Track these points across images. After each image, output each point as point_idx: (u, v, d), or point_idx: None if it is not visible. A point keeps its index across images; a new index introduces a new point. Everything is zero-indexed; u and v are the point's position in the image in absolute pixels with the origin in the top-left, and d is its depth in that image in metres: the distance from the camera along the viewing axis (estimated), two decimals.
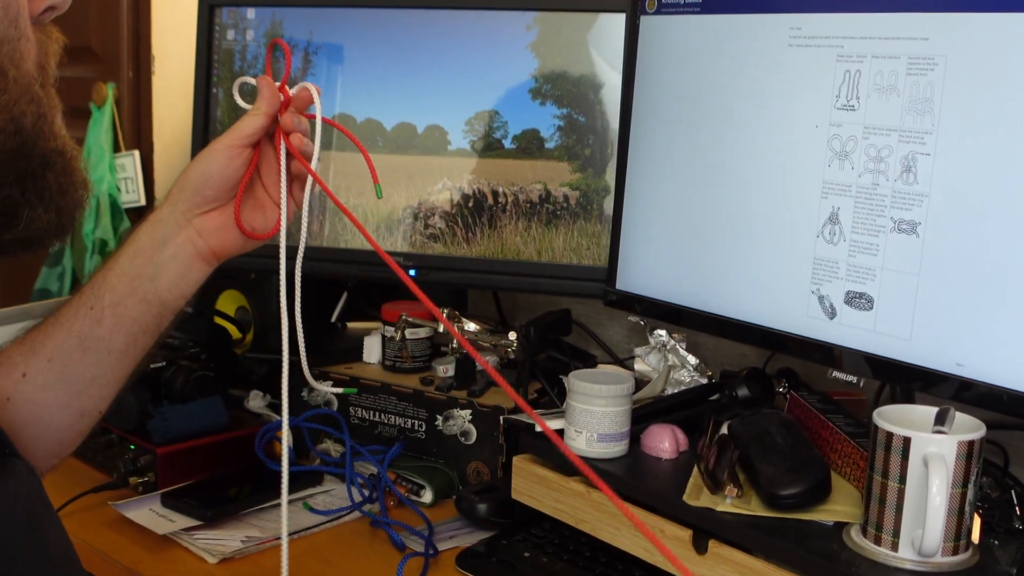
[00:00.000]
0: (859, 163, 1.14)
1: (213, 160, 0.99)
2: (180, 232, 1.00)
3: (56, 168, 0.71)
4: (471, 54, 1.57)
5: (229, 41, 1.69)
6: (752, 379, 1.32)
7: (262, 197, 1.04)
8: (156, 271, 0.99)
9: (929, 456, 0.96)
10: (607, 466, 1.21)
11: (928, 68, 1.08)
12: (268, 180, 1.04)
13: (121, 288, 0.98)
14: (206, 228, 1.01)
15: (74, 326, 0.97)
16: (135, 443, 1.49)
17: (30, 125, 0.68)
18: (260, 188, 1.04)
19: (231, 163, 0.99)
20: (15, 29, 0.67)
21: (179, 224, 1.00)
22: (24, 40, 0.68)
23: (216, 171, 0.99)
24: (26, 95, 0.68)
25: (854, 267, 1.15)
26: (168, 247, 1.00)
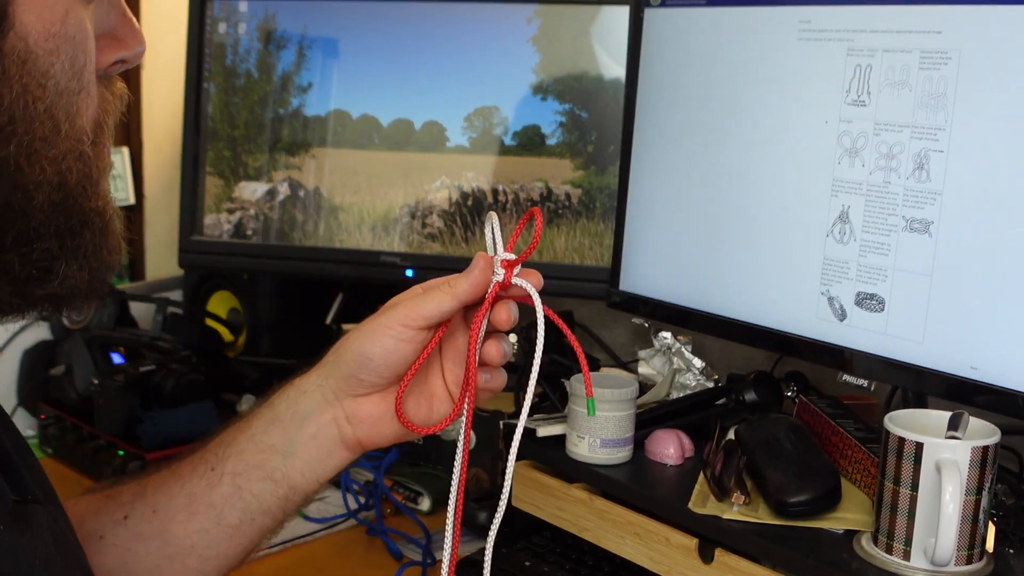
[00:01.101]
0: (870, 160, 1.14)
1: (377, 342, 0.85)
2: (326, 411, 0.88)
3: (94, 228, 0.70)
4: (470, 48, 1.57)
5: (221, 35, 1.69)
6: (760, 383, 1.32)
7: (432, 385, 0.88)
8: (290, 448, 0.88)
9: (942, 462, 0.96)
10: (610, 473, 1.21)
11: (941, 62, 1.08)
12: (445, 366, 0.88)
13: (248, 457, 0.88)
14: (357, 414, 0.88)
15: (188, 482, 0.89)
16: (124, 449, 1.49)
17: (74, 182, 0.67)
18: (431, 374, 0.89)
19: (399, 347, 0.84)
20: (77, 82, 0.66)
21: (326, 401, 0.88)
22: (84, 95, 0.67)
23: (379, 355, 0.85)
24: (74, 151, 0.67)
25: (865, 267, 1.15)
26: (309, 425, 0.88)
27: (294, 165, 1.67)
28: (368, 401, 0.87)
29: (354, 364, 0.86)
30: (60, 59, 0.65)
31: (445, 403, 0.88)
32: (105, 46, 0.69)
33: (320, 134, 1.65)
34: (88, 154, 0.68)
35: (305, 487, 0.89)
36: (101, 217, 0.70)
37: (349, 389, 0.87)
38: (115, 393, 1.50)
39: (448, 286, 0.84)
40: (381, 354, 0.85)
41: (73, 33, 0.65)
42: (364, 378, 0.86)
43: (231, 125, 1.70)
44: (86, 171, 0.68)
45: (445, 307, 0.84)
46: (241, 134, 1.69)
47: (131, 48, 0.71)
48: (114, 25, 0.70)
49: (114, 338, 1.63)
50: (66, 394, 1.59)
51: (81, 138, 0.67)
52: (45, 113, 0.64)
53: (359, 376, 0.86)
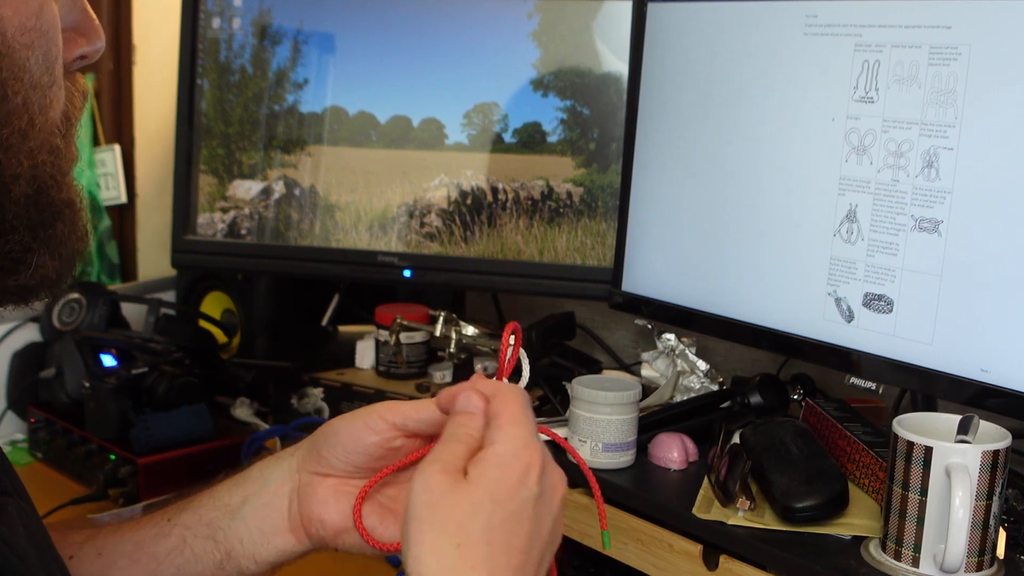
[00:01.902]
0: (878, 158, 1.14)
1: (348, 421, 0.83)
2: (287, 481, 0.86)
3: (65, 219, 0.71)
4: (470, 43, 1.57)
5: (215, 30, 1.69)
6: (765, 386, 1.32)
7: (399, 500, 0.84)
8: (241, 511, 0.87)
9: (952, 467, 0.96)
10: (613, 477, 1.21)
11: (951, 58, 1.08)
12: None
13: (202, 513, 0.88)
14: (308, 491, 0.85)
15: (141, 529, 0.89)
16: (115, 453, 1.49)
17: (47, 175, 0.69)
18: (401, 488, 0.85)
19: (364, 433, 0.82)
20: (49, 76, 0.68)
21: (290, 471, 0.86)
22: (56, 87, 0.69)
23: (343, 432, 0.83)
24: (48, 144, 0.69)
25: (873, 267, 1.15)
26: (266, 492, 0.87)
27: (289, 163, 1.67)
28: (323, 482, 0.85)
29: (320, 436, 0.85)
30: (35, 53, 0.66)
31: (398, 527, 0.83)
32: (69, 40, 0.70)
33: (316, 131, 1.65)
34: (59, 147, 0.70)
35: (240, 558, 0.87)
36: (71, 208, 0.72)
37: (310, 463, 0.85)
38: (107, 396, 1.50)
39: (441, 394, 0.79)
40: (345, 432, 0.83)
41: (47, 27, 0.66)
42: (325, 454, 0.84)
43: (225, 122, 1.70)
44: (58, 164, 0.69)
45: (424, 416, 0.81)
46: (235, 131, 1.69)
47: (92, 43, 0.72)
48: (77, 20, 0.72)
49: (106, 340, 1.63)
50: (56, 397, 1.59)
51: (53, 131, 0.69)
52: (22, 107, 0.66)
53: (321, 451, 0.84)
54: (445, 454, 0.71)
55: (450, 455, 0.71)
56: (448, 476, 0.69)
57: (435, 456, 0.70)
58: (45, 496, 1.42)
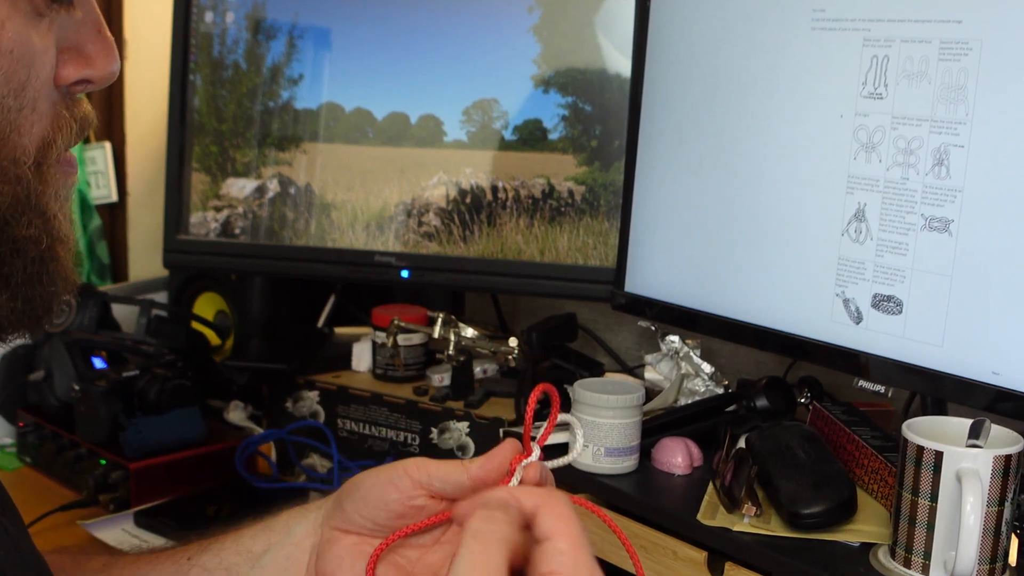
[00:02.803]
0: (887, 156, 1.14)
1: (374, 475, 0.81)
2: (311, 535, 0.85)
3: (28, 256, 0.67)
4: (469, 38, 1.57)
5: (207, 24, 1.69)
6: (771, 389, 1.32)
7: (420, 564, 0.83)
8: (263, 560, 0.85)
9: (963, 472, 0.96)
10: (615, 482, 1.21)
11: (962, 53, 1.08)
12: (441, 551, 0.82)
13: (224, 556, 0.86)
14: (327, 547, 0.83)
15: (159, 565, 0.87)
16: (106, 457, 1.49)
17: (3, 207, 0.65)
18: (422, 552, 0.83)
19: (387, 489, 0.80)
20: (15, 99, 0.64)
21: (315, 526, 0.85)
22: (27, 112, 0.65)
23: (366, 487, 0.81)
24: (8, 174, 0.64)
25: (882, 268, 1.15)
26: (290, 543, 0.85)
27: (284, 161, 1.67)
28: (344, 538, 0.83)
29: (344, 490, 0.83)
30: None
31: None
32: (69, 61, 0.67)
33: (311, 128, 1.65)
34: (25, 177, 0.65)
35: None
36: (36, 245, 0.67)
37: (331, 517, 0.84)
38: (97, 399, 1.50)
39: (467, 461, 0.79)
40: (368, 489, 0.81)
41: (11, 47, 0.63)
42: (346, 508, 0.82)
43: (218, 119, 1.70)
44: (20, 195, 0.65)
45: (451, 479, 0.78)
46: (229, 128, 1.69)
47: (99, 68, 0.69)
48: (84, 41, 0.68)
49: (96, 342, 1.63)
50: (46, 400, 1.59)
51: (18, 159, 0.65)
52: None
53: (343, 503, 0.83)
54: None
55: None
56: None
57: None
58: (34, 502, 1.42)
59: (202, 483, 1.51)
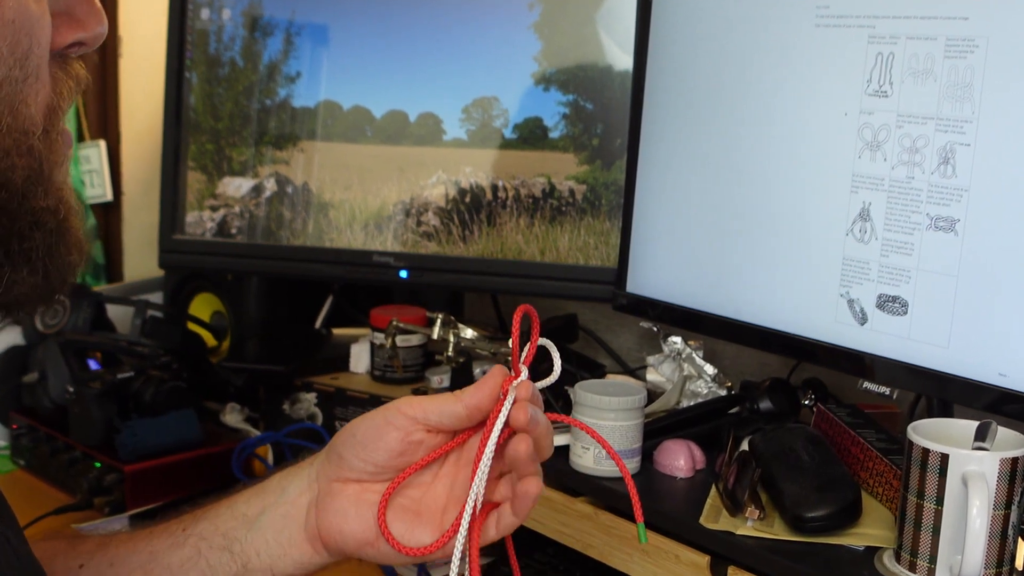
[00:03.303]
0: (892, 154, 1.14)
1: (367, 419, 0.83)
2: (306, 491, 0.86)
3: (47, 228, 0.67)
4: (469, 35, 1.57)
5: (203, 21, 1.69)
6: (775, 390, 1.32)
7: (420, 503, 0.85)
8: (259, 522, 0.86)
9: (969, 475, 0.96)
10: (617, 486, 1.21)
11: (968, 50, 1.08)
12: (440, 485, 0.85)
13: (220, 523, 0.87)
14: (327, 501, 0.84)
15: (155, 539, 0.88)
16: (101, 460, 1.50)
17: (20, 180, 0.65)
18: (423, 490, 0.85)
19: (385, 430, 0.82)
20: (20, 70, 0.64)
21: (310, 480, 0.86)
22: (32, 80, 0.65)
23: (362, 432, 0.83)
24: (21, 147, 0.65)
25: (887, 268, 1.15)
26: (285, 501, 0.86)
27: (281, 159, 1.67)
28: (343, 489, 0.84)
29: (339, 439, 0.84)
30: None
31: (428, 529, 0.84)
32: (62, 25, 0.68)
33: (309, 126, 1.65)
34: (37, 148, 0.66)
35: (258, 570, 0.86)
36: (54, 216, 0.68)
37: (330, 469, 0.85)
38: (91, 401, 1.50)
39: (458, 391, 0.82)
40: (364, 431, 0.83)
41: (12, 17, 0.63)
42: (343, 455, 0.84)
43: (214, 117, 1.70)
44: (35, 167, 0.66)
45: (447, 409, 0.81)
46: (225, 126, 1.69)
47: (90, 29, 0.70)
48: (72, 4, 0.69)
49: (90, 343, 1.63)
50: (40, 402, 1.59)
51: (28, 130, 0.65)
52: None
53: (339, 452, 0.84)
54: None
55: None
56: None
57: None
58: (28, 505, 1.42)
59: (198, 486, 1.51)
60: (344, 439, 0.84)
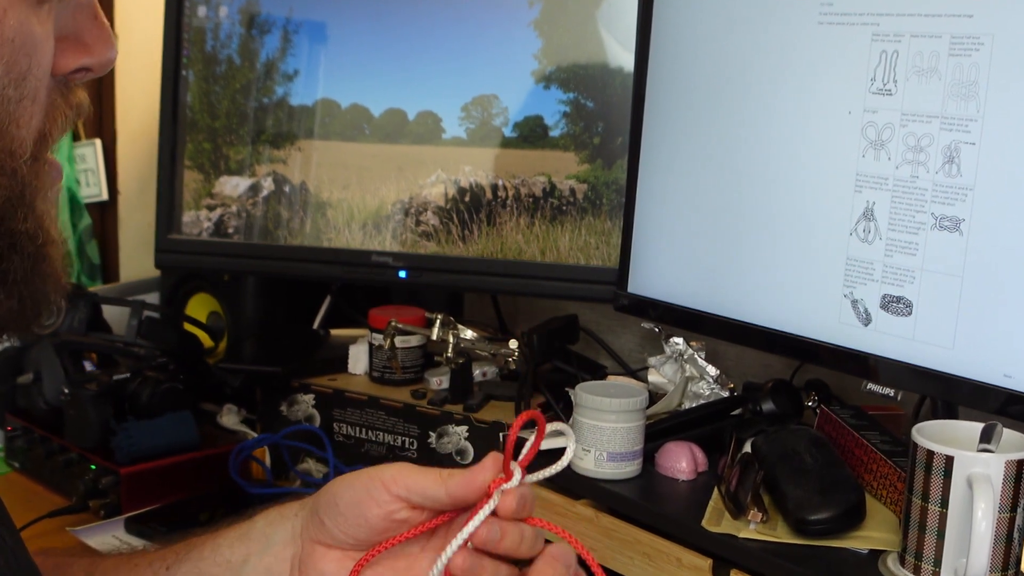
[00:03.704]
0: (896, 153, 1.14)
1: (350, 488, 0.82)
2: (289, 547, 0.85)
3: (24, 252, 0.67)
4: (468, 33, 1.57)
5: (200, 18, 1.69)
6: (778, 392, 1.32)
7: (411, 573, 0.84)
8: (243, 572, 0.86)
9: (974, 477, 0.96)
10: (618, 488, 1.21)
11: (973, 48, 1.08)
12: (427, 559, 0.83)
13: (203, 567, 0.87)
14: (310, 562, 0.84)
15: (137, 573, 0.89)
16: (96, 462, 1.49)
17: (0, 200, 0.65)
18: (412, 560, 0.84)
19: (366, 504, 0.81)
20: (15, 90, 0.63)
21: (293, 535, 0.85)
22: (27, 103, 0.64)
23: (344, 503, 0.82)
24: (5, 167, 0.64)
25: (891, 268, 1.15)
26: (269, 554, 0.85)
27: (279, 158, 1.67)
28: (326, 554, 0.84)
29: (324, 503, 0.83)
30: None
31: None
32: (68, 49, 0.67)
33: (307, 125, 1.65)
34: (21, 172, 0.65)
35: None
36: (32, 241, 0.67)
37: (312, 531, 0.84)
38: (87, 403, 1.50)
39: (447, 472, 0.80)
40: (347, 503, 0.82)
41: (12, 36, 0.63)
42: (327, 523, 0.83)
43: (211, 115, 1.70)
44: (16, 190, 0.65)
45: (430, 494, 0.80)
46: (222, 125, 1.69)
47: (97, 55, 0.69)
48: (81, 28, 0.68)
49: (86, 344, 1.63)
50: (34, 404, 1.58)
51: (15, 152, 0.65)
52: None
53: (323, 519, 0.83)
54: None
55: None
56: None
57: None
58: (22, 508, 1.42)
59: (195, 489, 1.51)
60: (326, 506, 0.83)
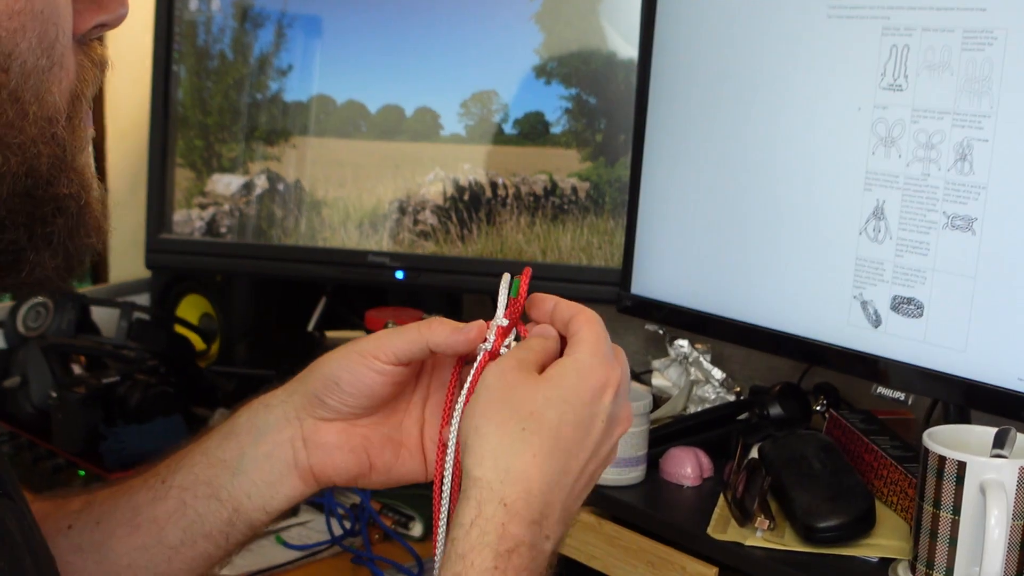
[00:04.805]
0: (907, 150, 1.14)
1: (347, 367, 0.87)
2: (284, 429, 0.89)
3: (68, 213, 0.71)
4: (467, 26, 1.57)
5: (192, 11, 1.70)
6: (786, 396, 1.32)
7: (404, 433, 0.90)
8: (241, 465, 0.89)
9: (987, 483, 0.96)
10: (621, 494, 1.21)
11: (986, 43, 1.08)
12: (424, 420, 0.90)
13: (198, 471, 0.90)
14: (315, 439, 0.88)
15: (136, 494, 0.91)
16: (85, 468, 1.50)
17: (45, 168, 0.68)
18: (406, 419, 0.90)
19: (370, 376, 0.86)
20: (47, 59, 0.66)
21: (287, 419, 0.89)
22: (57, 69, 0.67)
23: (347, 381, 0.87)
24: (46, 134, 0.67)
25: (902, 268, 1.15)
26: (264, 442, 0.89)
27: (273, 156, 1.67)
28: (330, 427, 0.88)
29: (321, 385, 0.88)
30: (26, 37, 0.65)
31: (414, 457, 0.90)
32: (84, 9, 0.69)
33: (301, 122, 1.66)
34: (61, 135, 0.68)
35: (251, 512, 0.90)
36: (76, 201, 0.71)
37: (312, 410, 0.88)
38: (75, 407, 1.50)
39: (424, 326, 0.85)
40: (349, 380, 0.87)
41: (40, 7, 0.65)
42: (329, 402, 0.87)
43: (203, 112, 1.70)
44: (59, 153, 0.69)
45: (415, 346, 0.85)
46: (214, 121, 1.69)
47: (111, 11, 0.71)
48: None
49: (74, 346, 1.63)
50: (21, 408, 1.59)
51: (53, 117, 0.68)
52: (9, 98, 0.65)
53: (324, 399, 0.88)
54: (521, 354, 0.80)
55: (526, 356, 0.79)
56: (524, 372, 0.77)
57: (511, 355, 0.80)
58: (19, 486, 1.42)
59: None
60: (326, 388, 0.87)
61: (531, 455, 0.74)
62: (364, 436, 0.89)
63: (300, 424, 0.89)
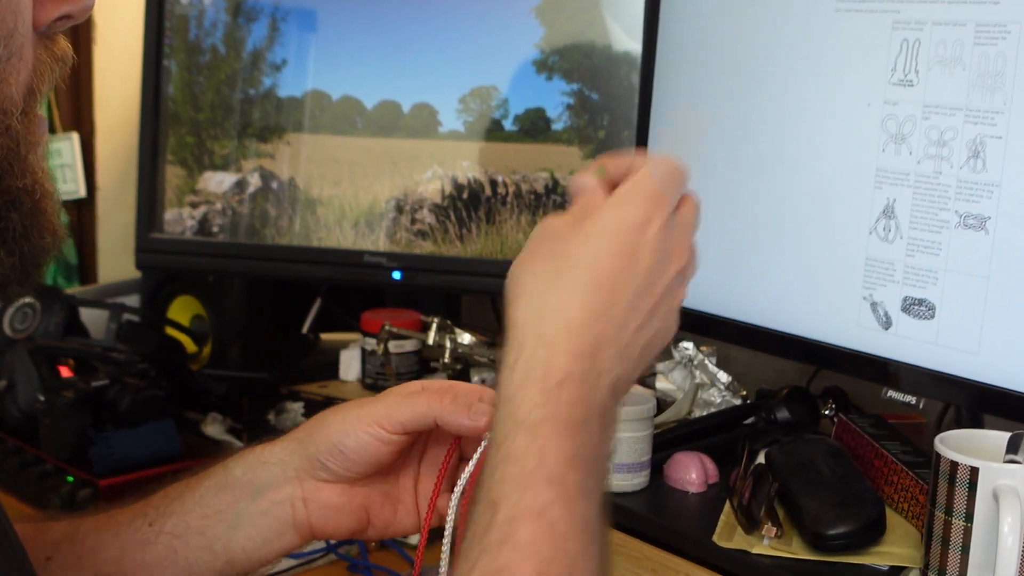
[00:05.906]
0: (918, 147, 1.14)
1: (352, 435, 0.88)
2: (283, 488, 0.90)
3: (23, 208, 0.71)
4: (466, 20, 1.57)
5: (183, 5, 1.70)
6: (793, 400, 1.32)
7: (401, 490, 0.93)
8: (237, 520, 0.90)
9: (1000, 489, 0.96)
10: (625, 501, 1.21)
11: (999, 36, 1.08)
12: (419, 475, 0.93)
13: (191, 520, 0.91)
14: (316, 499, 0.90)
15: (123, 533, 0.91)
16: (73, 474, 1.49)
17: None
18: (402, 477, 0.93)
19: (375, 446, 0.88)
20: (4, 48, 0.66)
21: (286, 479, 0.91)
22: (15, 60, 0.67)
23: (352, 450, 0.88)
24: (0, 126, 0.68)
25: (912, 269, 1.15)
26: (262, 499, 0.90)
27: (266, 153, 1.67)
28: (331, 489, 0.90)
29: (324, 450, 0.89)
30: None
31: (411, 513, 0.92)
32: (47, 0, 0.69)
33: (296, 118, 1.66)
34: (15, 128, 0.68)
35: (245, 564, 0.91)
36: (30, 196, 0.71)
37: (313, 472, 0.90)
38: (63, 411, 1.50)
39: (435, 398, 0.87)
40: (354, 448, 0.88)
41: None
42: (331, 466, 0.89)
43: (195, 108, 1.70)
44: (12, 147, 0.69)
45: (423, 420, 0.87)
46: (206, 118, 1.69)
47: (75, 2, 0.71)
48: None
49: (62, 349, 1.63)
50: (8, 412, 1.58)
51: (7, 109, 0.68)
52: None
53: (326, 463, 0.89)
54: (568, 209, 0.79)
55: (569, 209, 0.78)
56: (564, 220, 0.76)
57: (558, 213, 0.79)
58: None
59: None
60: (328, 452, 0.89)
61: (568, 291, 0.74)
62: (365, 496, 0.91)
63: (300, 484, 0.90)
